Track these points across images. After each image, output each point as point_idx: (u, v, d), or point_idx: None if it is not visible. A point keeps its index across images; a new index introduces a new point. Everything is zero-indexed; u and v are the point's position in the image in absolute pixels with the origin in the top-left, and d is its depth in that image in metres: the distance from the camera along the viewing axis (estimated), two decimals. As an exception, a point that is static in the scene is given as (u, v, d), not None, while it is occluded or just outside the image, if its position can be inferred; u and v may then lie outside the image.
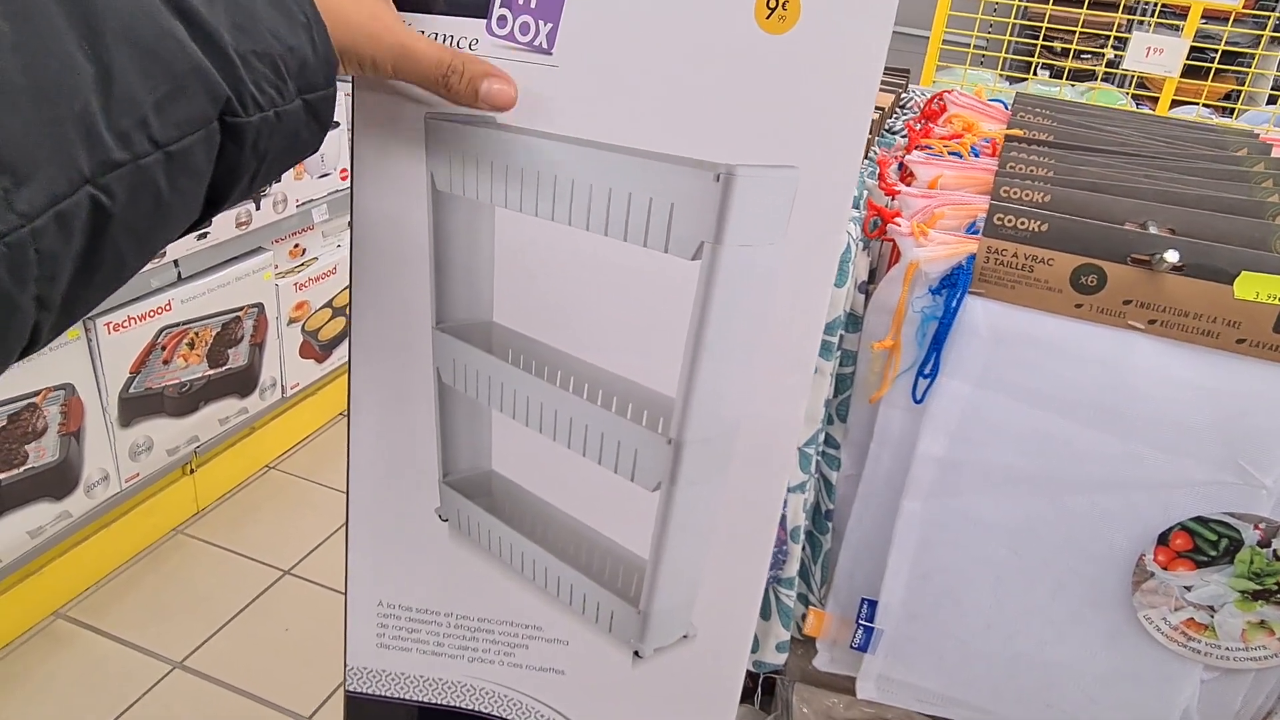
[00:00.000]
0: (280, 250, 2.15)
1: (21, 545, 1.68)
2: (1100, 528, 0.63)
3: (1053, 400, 0.62)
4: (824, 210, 0.55)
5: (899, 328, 0.65)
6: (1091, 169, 0.70)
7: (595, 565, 0.67)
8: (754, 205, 0.55)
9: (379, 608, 0.70)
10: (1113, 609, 0.65)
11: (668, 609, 0.66)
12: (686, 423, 0.60)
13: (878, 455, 0.70)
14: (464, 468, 0.69)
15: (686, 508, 0.63)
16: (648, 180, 0.55)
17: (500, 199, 0.59)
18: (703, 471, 0.62)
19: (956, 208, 0.66)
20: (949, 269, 0.62)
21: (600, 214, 0.57)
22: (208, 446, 2.06)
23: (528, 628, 0.70)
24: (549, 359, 0.63)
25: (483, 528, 0.68)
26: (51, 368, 1.65)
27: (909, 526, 0.69)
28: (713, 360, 0.59)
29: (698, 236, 0.55)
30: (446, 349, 0.65)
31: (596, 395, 0.62)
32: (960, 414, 0.65)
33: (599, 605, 0.67)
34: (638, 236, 0.57)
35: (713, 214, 0.55)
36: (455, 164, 0.59)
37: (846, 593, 0.75)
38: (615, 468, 0.63)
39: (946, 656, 0.71)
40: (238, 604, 1.89)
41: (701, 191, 0.54)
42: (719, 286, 0.57)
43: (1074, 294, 0.60)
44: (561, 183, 0.57)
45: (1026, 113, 0.83)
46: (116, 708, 1.65)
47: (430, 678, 0.72)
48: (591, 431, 0.62)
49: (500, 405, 0.66)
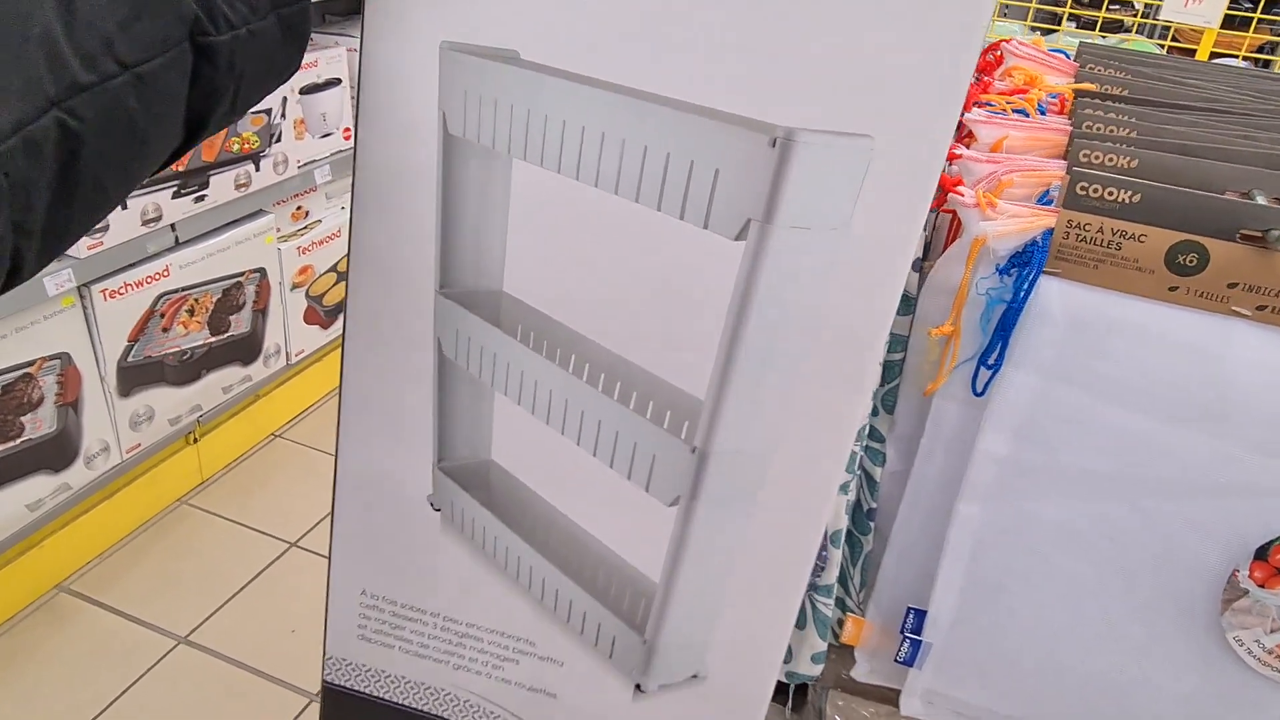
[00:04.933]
0: (282, 213, 2.08)
1: (21, 519, 1.63)
2: (1187, 538, 0.56)
3: (1137, 395, 0.55)
4: (902, 192, 0.45)
5: (959, 311, 0.57)
6: (1179, 128, 0.61)
7: (599, 582, 0.59)
8: (815, 179, 0.45)
9: (362, 597, 0.64)
10: (1198, 628, 0.58)
11: (677, 643, 0.59)
12: (715, 430, 0.52)
13: (930, 452, 0.63)
14: (461, 454, 0.62)
15: (707, 529, 0.55)
16: (689, 139, 0.46)
17: (519, 149, 0.51)
18: (730, 489, 0.54)
19: (1026, 174, 0.58)
20: (1021, 245, 0.54)
21: (632, 176, 0.49)
22: (211, 415, 2.01)
23: (519, 640, 0.63)
24: (563, 340, 0.56)
25: (477, 523, 0.62)
26: (46, 336, 1.59)
27: (964, 531, 0.62)
28: (751, 361, 0.50)
29: (744, 213, 0.47)
30: (449, 317, 0.57)
31: (614, 387, 0.55)
32: (1028, 409, 0.58)
33: (599, 627, 0.60)
34: (673, 206, 0.48)
35: (764, 186, 0.46)
36: (471, 104, 0.51)
37: (890, 599, 0.69)
38: (629, 474, 0.55)
39: (1005, 673, 0.64)
40: (244, 577, 1.85)
41: (752, 157, 0.45)
42: (765, 274, 0.48)
43: (1169, 275, 0.52)
44: (590, 135, 0.48)
45: (1095, 64, 0.74)
46: (122, 683, 1.62)
47: (412, 680, 0.66)
48: (604, 429, 0.55)
49: (504, 388, 0.59)
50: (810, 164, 0.45)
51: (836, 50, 0.44)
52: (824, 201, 0.47)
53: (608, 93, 0.47)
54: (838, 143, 0.45)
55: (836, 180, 0.46)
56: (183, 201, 1.76)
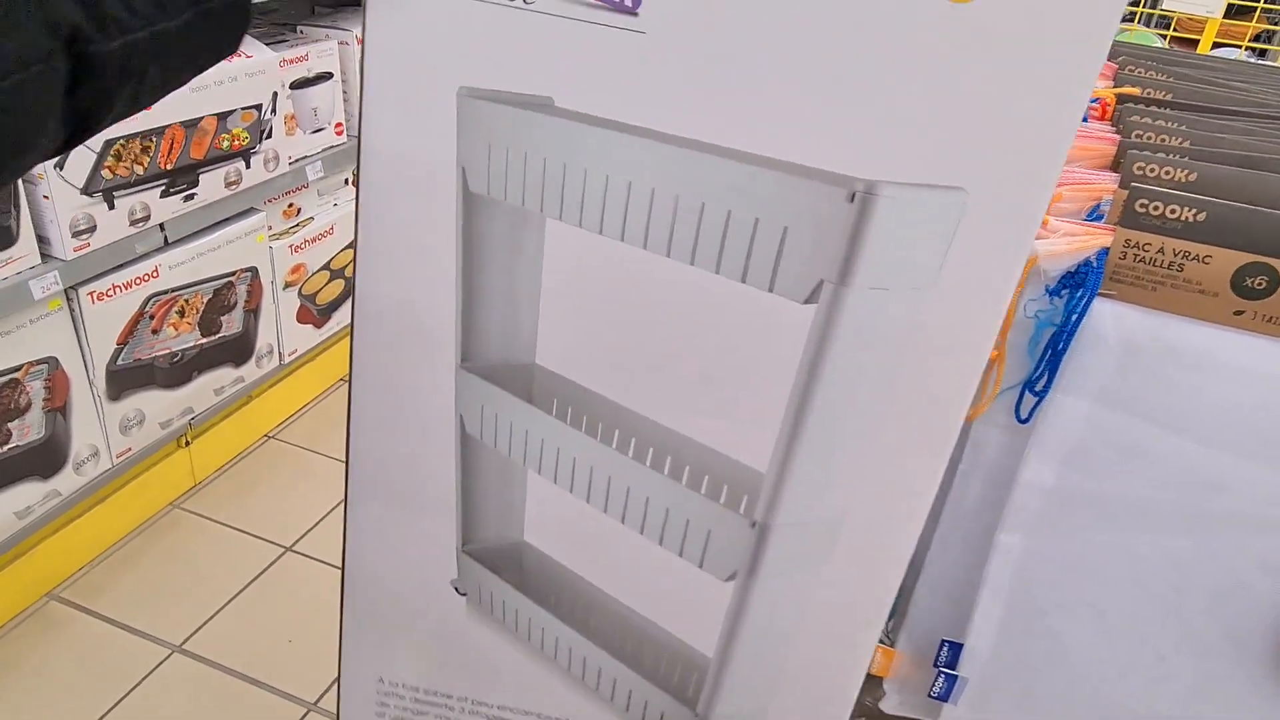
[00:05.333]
0: (273, 210, 2.03)
1: (9, 526, 1.59)
2: (1249, 575, 0.53)
3: (1196, 423, 0.51)
4: (997, 247, 0.41)
5: (1005, 335, 0.54)
6: (1234, 136, 0.58)
7: (646, 659, 0.55)
8: (899, 236, 0.41)
9: (379, 684, 0.60)
10: (1257, 669, 0.55)
11: (733, 716, 0.55)
12: (778, 503, 0.48)
13: (968, 479, 0.60)
14: (489, 536, 0.57)
15: (767, 603, 0.51)
16: (754, 194, 0.41)
17: (553, 208, 0.46)
18: (793, 562, 0.50)
19: (1075, 188, 0.55)
20: (1074, 266, 0.51)
21: (686, 236, 0.43)
22: (203, 418, 1.97)
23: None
24: (604, 413, 0.51)
25: (509, 606, 0.57)
26: (33, 340, 1.54)
27: (1005, 562, 0.59)
28: (820, 430, 0.46)
29: (815, 274, 0.42)
30: (473, 393, 0.52)
31: (663, 462, 0.50)
32: (1077, 437, 0.54)
33: (647, 704, 0.56)
34: (734, 269, 0.43)
35: (841, 245, 0.41)
36: (496, 158, 0.45)
37: (922, 630, 0.66)
38: (680, 551, 0.51)
39: (1045, 711, 0.62)
40: (238, 583, 1.81)
41: (828, 214, 0.40)
42: (838, 339, 0.43)
43: (1234, 298, 0.49)
44: (638, 191, 0.43)
45: (1134, 65, 0.71)
46: (115, 693, 1.58)
47: None
48: (653, 505, 0.50)
49: (539, 466, 0.54)
50: (894, 220, 0.41)
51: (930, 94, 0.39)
52: (907, 260, 0.42)
53: (657, 143, 0.42)
54: (925, 196, 0.41)
55: (922, 237, 0.42)
56: (171, 200, 1.71)
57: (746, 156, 0.41)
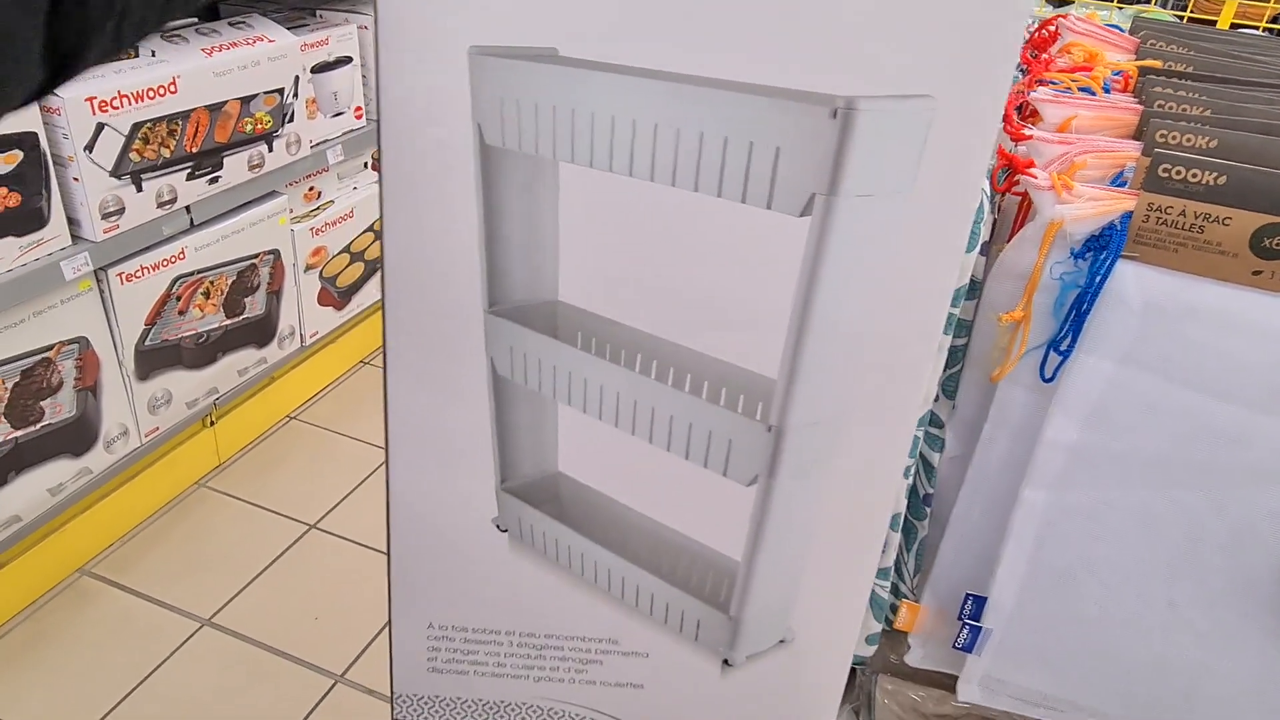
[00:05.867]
0: (295, 194, 2.06)
1: (43, 503, 1.63)
2: (1262, 525, 0.55)
3: (1216, 382, 0.54)
4: (962, 149, 0.45)
5: (1031, 296, 0.56)
6: (1256, 106, 0.60)
7: (680, 571, 0.59)
8: (879, 146, 0.45)
9: (429, 630, 0.62)
10: (1269, 615, 0.57)
11: (763, 613, 0.59)
12: (790, 406, 0.51)
13: (993, 437, 0.62)
14: (526, 471, 0.61)
15: (788, 503, 0.55)
16: (746, 120, 0.45)
17: (565, 151, 0.49)
18: (808, 461, 0.54)
19: (1100, 155, 0.57)
20: (1098, 229, 0.53)
21: (689, 165, 0.47)
22: (227, 398, 2.00)
23: (602, 642, 0.62)
24: (625, 341, 0.54)
25: (549, 537, 0.60)
26: (64, 321, 1.57)
27: (1029, 517, 0.61)
28: (823, 333, 0.49)
29: (808, 188, 0.46)
30: (502, 335, 0.55)
31: (684, 380, 0.54)
32: (1099, 395, 0.57)
33: (684, 614, 0.60)
34: (734, 191, 0.47)
35: (828, 159, 0.45)
36: (508, 111, 0.48)
37: (946, 586, 0.68)
38: (705, 461, 0.54)
39: (1067, 659, 0.64)
40: (264, 559, 1.85)
41: (814, 131, 0.44)
42: (833, 246, 0.47)
43: (1253, 259, 0.51)
44: (642, 127, 0.47)
45: (1155, 39, 0.73)
46: (148, 664, 1.62)
47: (491, 701, 0.65)
48: (678, 421, 0.54)
49: (569, 398, 0.57)
50: (873, 131, 0.44)
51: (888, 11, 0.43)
52: (888, 167, 0.46)
53: (656, 81, 0.46)
54: (899, 106, 0.44)
55: (899, 144, 0.45)
56: (197, 183, 1.74)
57: (737, 85, 0.45)
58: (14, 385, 1.52)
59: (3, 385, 1.50)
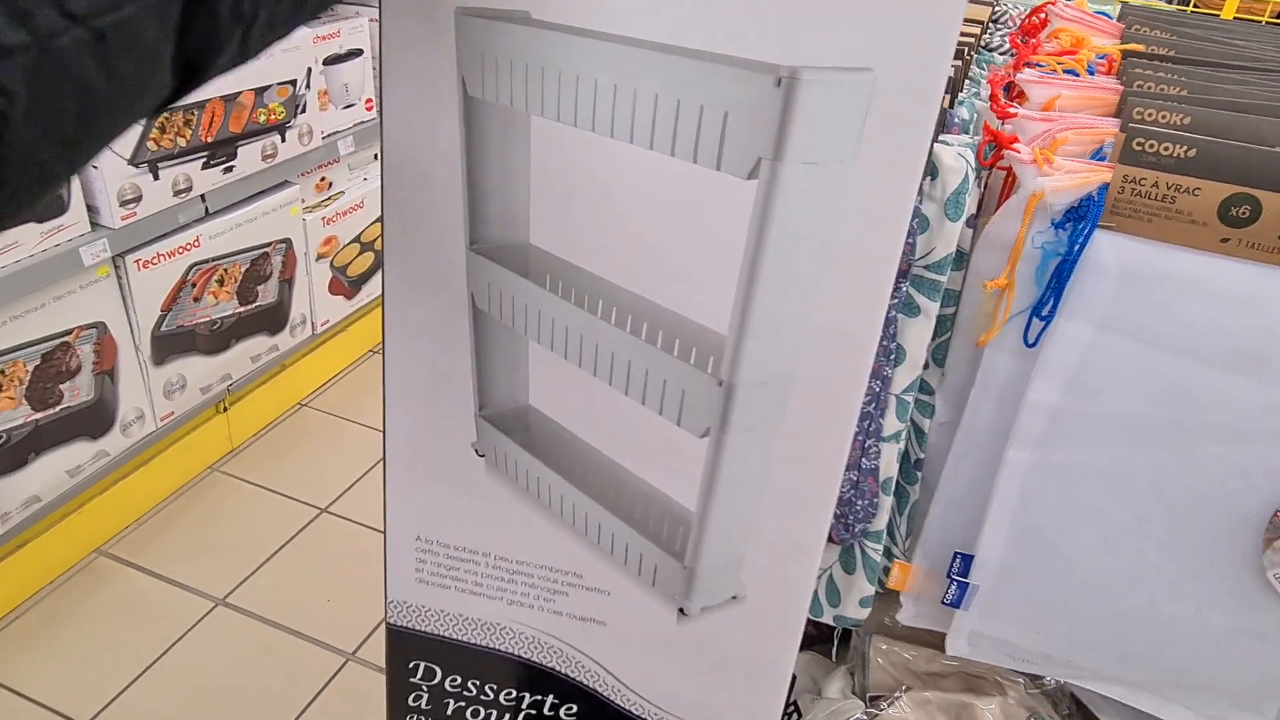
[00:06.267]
0: (306, 184, 2.09)
1: (61, 484, 1.67)
2: (1229, 481, 0.58)
3: (1186, 344, 0.57)
4: (905, 121, 0.47)
5: (1014, 265, 0.60)
6: (1228, 86, 0.63)
7: (638, 514, 0.63)
8: (821, 115, 0.47)
9: (417, 542, 0.68)
10: (1236, 567, 0.61)
11: (716, 566, 0.62)
12: (739, 363, 0.54)
13: (980, 402, 0.65)
14: (500, 401, 0.65)
15: (738, 457, 0.58)
16: (698, 84, 0.48)
17: (536, 105, 0.53)
18: (757, 418, 0.56)
19: (1081, 131, 0.60)
20: (1077, 200, 0.57)
21: (645, 124, 0.50)
22: (240, 384, 2.04)
23: (567, 574, 0.67)
24: (590, 287, 0.58)
25: (520, 466, 0.64)
26: (83, 306, 1.61)
27: (1013, 477, 0.65)
28: (770, 294, 0.52)
29: (754, 152, 0.48)
30: (481, 272, 0.60)
31: (641, 328, 0.57)
32: (1078, 359, 0.60)
33: (641, 557, 0.63)
34: (686, 150, 0.50)
35: (772, 125, 0.47)
36: (488, 66, 0.52)
37: (936, 545, 0.71)
38: (660, 409, 0.58)
39: (1047, 613, 0.67)
40: (276, 541, 1.89)
41: (759, 98, 0.47)
42: (778, 210, 0.49)
43: (1221, 227, 0.54)
44: (602, 87, 0.50)
45: (1141, 25, 0.76)
46: (162, 643, 1.66)
47: (469, 617, 0.70)
48: (635, 368, 0.57)
49: (537, 336, 0.61)
50: (815, 100, 0.47)
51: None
52: (830, 136, 0.48)
53: (617, 45, 0.49)
54: (840, 78, 0.47)
55: (841, 115, 0.48)
56: (212, 172, 1.78)
57: (691, 53, 0.48)
58: (34, 368, 1.56)
59: (23, 368, 1.54)
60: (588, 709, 0.71)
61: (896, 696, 0.80)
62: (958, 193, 0.58)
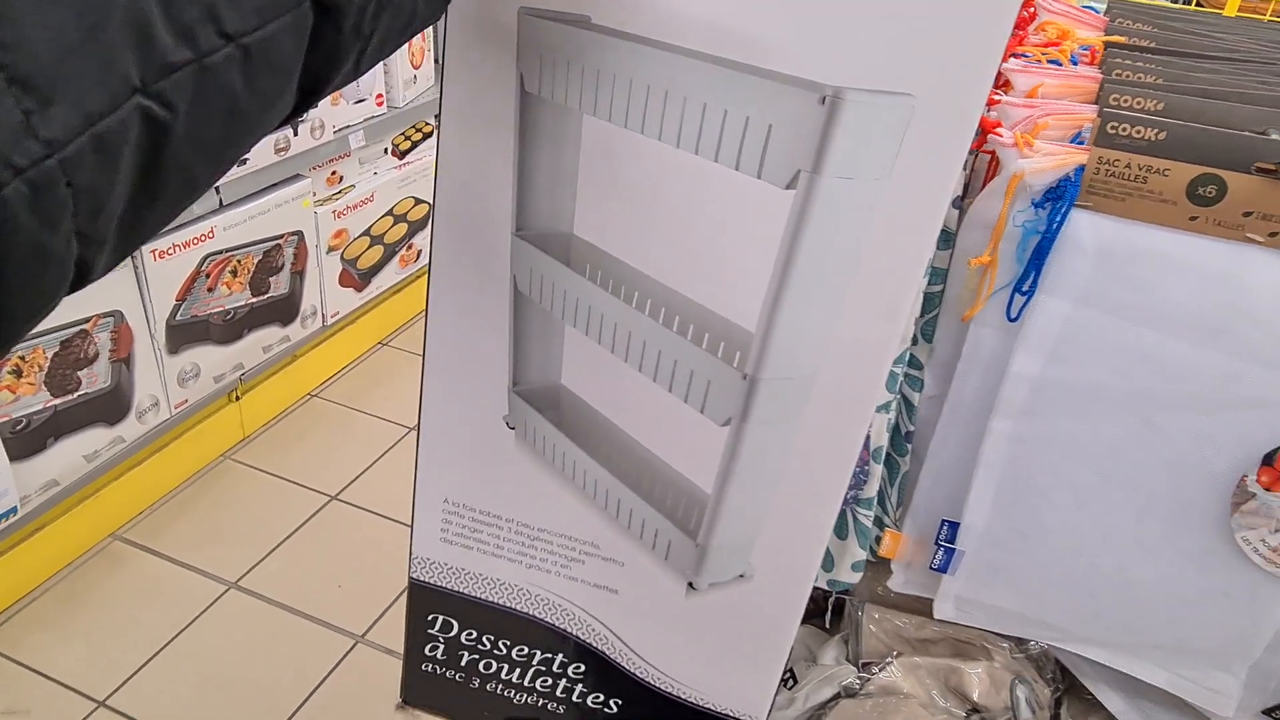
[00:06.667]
0: (318, 177, 2.13)
1: (79, 469, 1.71)
2: (1197, 448, 0.62)
3: (1157, 317, 0.60)
4: (939, 147, 0.50)
5: (997, 243, 0.63)
6: (1202, 75, 0.66)
7: (656, 492, 0.66)
8: (860, 134, 0.50)
9: (444, 504, 0.71)
10: (1206, 530, 0.64)
11: (726, 546, 0.66)
12: (764, 359, 0.58)
13: (966, 375, 0.69)
14: (534, 379, 0.69)
15: (756, 447, 0.61)
16: (745, 97, 0.51)
17: (589, 105, 0.57)
18: (776, 412, 0.60)
19: (1060, 117, 0.63)
20: (1055, 181, 0.60)
21: (692, 130, 0.54)
22: (252, 374, 2.08)
23: (585, 543, 0.70)
24: (626, 278, 0.62)
25: (548, 440, 0.68)
26: (101, 294, 1.65)
27: (997, 446, 0.68)
28: (798, 298, 0.56)
29: (794, 164, 0.51)
30: (524, 257, 0.63)
31: (673, 321, 0.61)
32: (1058, 332, 0.63)
33: (656, 532, 0.67)
34: (730, 158, 0.53)
35: (813, 140, 0.50)
36: (546, 65, 0.56)
37: (925, 514, 0.75)
38: (685, 398, 0.61)
39: (1028, 578, 0.71)
40: (287, 528, 1.93)
41: (803, 114, 0.50)
42: (812, 220, 0.53)
43: (1190, 206, 0.57)
44: (654, 93, 0.54)
45: (1125, 19, 0.79)
46: (176, 625, 1.70)
47: (489, 577, 0.74)
48: (664, 357, 0.61)
49: (574, 320, 0.65)
50: (855, 120, 0.50)
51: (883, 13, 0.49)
52: (868, 154, 0.51)
53: (671, 54, 0.52)
54: (881, 101, 0.50)
55: (879, 135, 0.51)
56: (227, 165, 1.82)
57: (742, 66, 0.51)
58: (54, 355, 1.60)
59: (43, 355, 1.58)
60: (595, 669, 0.75)
61: (888, 662, 0.83)
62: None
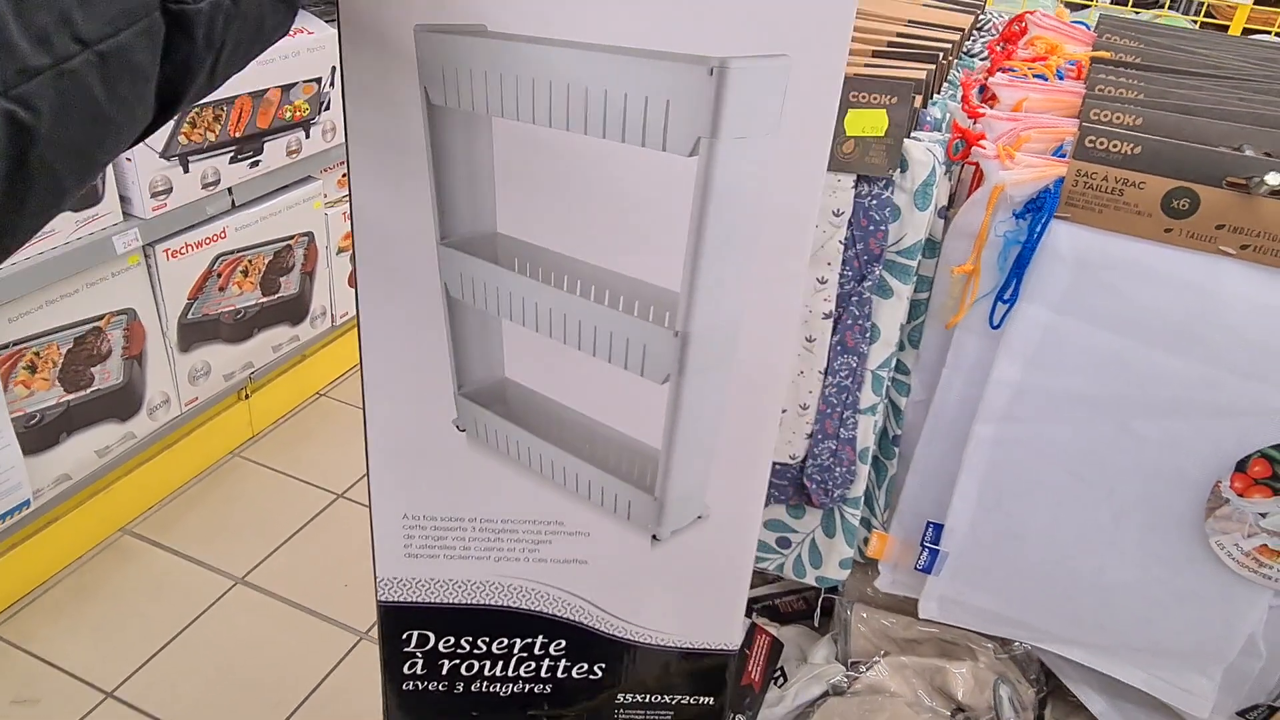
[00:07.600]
0: (329, 179, 2.16)
1: (90, 463, 1.74)
2: (1172, 454, 0.64)
3: (1133, 326, 0.62)
4: (814, 98, 0.55)
5: (980, 252, 0.65)
6: (1182, 91, 0.68)
7: (611, 459, 0.69)
8: (748, 97, 0.55)
9: (404, 520, 0.72)
10: (1180, 534, 0.66)
11: (682, 493, 0.69)
12: (692, 314, 0.62)
13: (950, 380, 0.71)
14: (478, 378, 0.71)
15: (695, 397, 0.65)
16: (642, 79, 0.56)
17: (496, 108, 0.59)
18: (710, 361, 0.64)
19: (1043, 131, 0.65)
20: (1035, 192, 0.62)
21: (597, 116, 0.58)
22: (262, 372, 2.11)
23: (550, 524, 0.72)
24: (555, 264, 0.65)
25: (500, 434, 0.70)
26: (114, 292, 1.69)
27: (979, 450, 0.70)
28: (714, 252, 0.60)
29: (694, 132, 0.56)
30: (453, 263, 0.65)
31: (604, 295, 0.64)
32: (1038, 340, 0.65)
33: (617, 496, 0.69)
34: (635, 136, 0.57)
35: (708, 108, 0.55)
36: (448, 76, 0.59)
37: (911, 516, 0.77)
38: (625, 363, 0.65)
39: (1009, 579, 0.72)
40: (294, 524, 1.96)
41: (696, 86, 0.55)
42: (717, 180, 0.57)
43: (1164, 218, 0.59)
44: (557, 87, 0.57)
45: (1112, 34, 0.81)
46: (184, 618, 1.73)
47: (459, 579, 0.75)
48: (600, 331, 0.64)
49: (510, 314, 0.67)
50: (742, 85, 0.55)
51: None
52: (756, 113, 0.56)
53: (569, 49, 0.56)
54: (762, 64, 0.55)
55: (765, 94, 0.56)
56: (239, 166, 1.85)
57: (632, 50, 0.56)
58: (67, 351, 1.63)
59: (57, 351, 1.62)
60: (575, 641, 0.77)
61: (875, 661, 0.85)
62: (925, 184, 0.64)
